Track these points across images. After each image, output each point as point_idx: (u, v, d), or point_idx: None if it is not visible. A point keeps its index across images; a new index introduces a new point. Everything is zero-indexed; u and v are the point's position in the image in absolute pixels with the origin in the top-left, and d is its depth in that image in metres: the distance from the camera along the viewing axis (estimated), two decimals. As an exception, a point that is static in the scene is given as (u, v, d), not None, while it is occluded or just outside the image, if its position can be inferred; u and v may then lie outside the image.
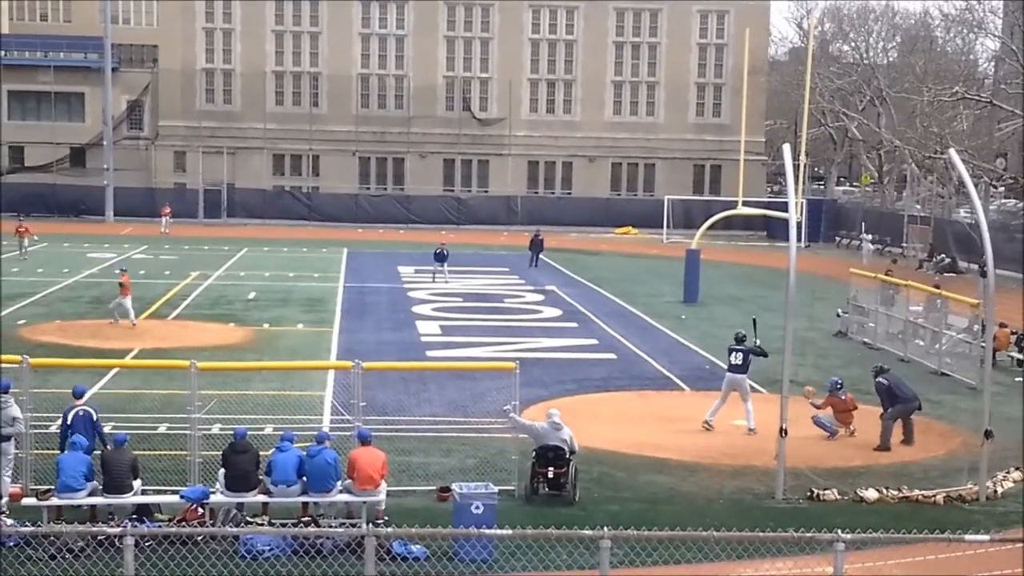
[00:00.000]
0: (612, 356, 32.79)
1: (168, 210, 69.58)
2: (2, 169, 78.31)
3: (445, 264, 47.89)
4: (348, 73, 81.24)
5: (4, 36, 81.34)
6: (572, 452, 19.14)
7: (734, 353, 24.32)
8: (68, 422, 18.05)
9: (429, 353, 32.12)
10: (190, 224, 72.55)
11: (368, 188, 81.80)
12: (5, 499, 17.36)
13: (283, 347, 32.61)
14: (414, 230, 74.51)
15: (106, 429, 20.63)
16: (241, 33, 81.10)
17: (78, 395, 18.59)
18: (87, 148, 79.91)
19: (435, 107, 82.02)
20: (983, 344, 24.35)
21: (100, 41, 76.07)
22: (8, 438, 17.85)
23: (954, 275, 52.99)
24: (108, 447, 17.86)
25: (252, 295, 42.99)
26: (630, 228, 77.39)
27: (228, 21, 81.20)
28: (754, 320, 26.23)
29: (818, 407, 23.90)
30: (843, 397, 23.97)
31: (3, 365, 19.88)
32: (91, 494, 16.96)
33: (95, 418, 18.25)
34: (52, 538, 15.20)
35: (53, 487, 16.97)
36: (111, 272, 48.03)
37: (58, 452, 17.58)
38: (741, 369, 24.10)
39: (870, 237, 64.70)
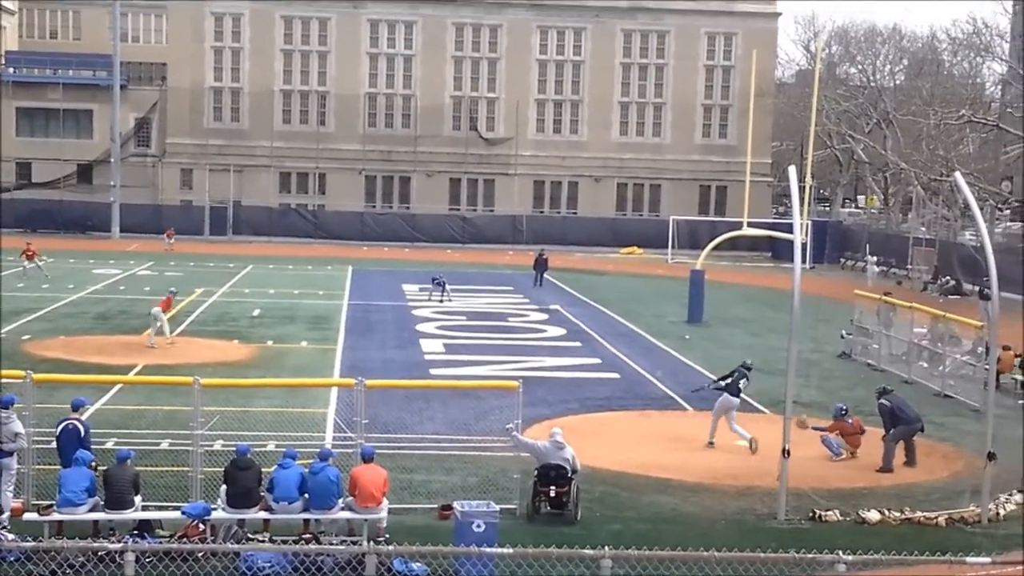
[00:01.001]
0: (615, 376, 32.76)
1: (171, 231, 69.75)
2: (10, 185, 78.53)
3: (445, 286, 47.54)
4: (356, 92, 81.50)
5: (13, 53, 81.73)
6: (574, 471, 19.15)
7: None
8: (58, 435, 18.09)
9: (433, 371, 32.15)
10: (196, 241, 72.65)
11: (374, 206, 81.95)
12: (6, 514, 17.36)
13: (287, 364, 32.62)
14: (419, 248, 74.59)
15: (108, 444, 20.72)
16: (250, 52, 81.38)
17: (74, 408, 18.61)
18: (94, 165, 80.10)
19: (442, 126, 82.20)
20: (987, 366, 24.33)
21: (109, 59, 76.32)
22: (10, 453, 17.86)
23: (958, 297, 52.96)
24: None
25: (257, 312, 43.04)
26: (635, 248, 77.41)
27: (237, 40, 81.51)
28: (748, 366, 25.62)
29: (823, 430, 23.93)
30: (850, 421, 24.00)
31: (7, 380, 19.94)
32: (92, 509, 16.97)
33: (83, 433, 18.10)
34: (53, 553, 15.19)
35: (54, 502, 17.00)
36: (116, 288, 48.28)
37: (59, 467, 17.60)
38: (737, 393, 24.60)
39: (875, 259, 64.67)
